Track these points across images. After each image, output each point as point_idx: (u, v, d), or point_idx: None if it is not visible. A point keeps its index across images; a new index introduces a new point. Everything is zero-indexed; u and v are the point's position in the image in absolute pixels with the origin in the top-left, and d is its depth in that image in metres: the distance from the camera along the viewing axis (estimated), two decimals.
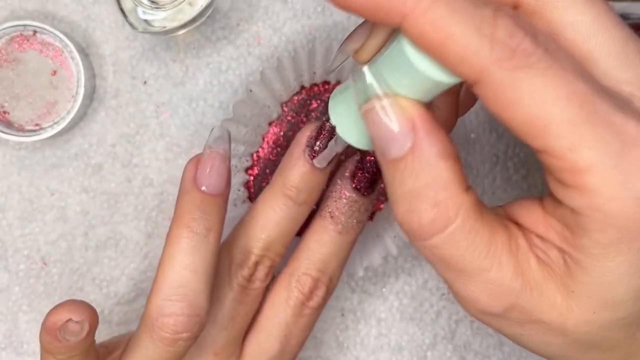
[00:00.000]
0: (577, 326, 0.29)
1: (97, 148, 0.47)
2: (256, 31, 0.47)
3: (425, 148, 0.28)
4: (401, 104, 0.28)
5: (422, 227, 0.29)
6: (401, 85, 0.28)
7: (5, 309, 0.48)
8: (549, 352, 0.31)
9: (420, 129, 0.28)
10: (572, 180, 0.27)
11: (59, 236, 0.47)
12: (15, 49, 0.46)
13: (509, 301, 0.29)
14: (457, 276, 0.30)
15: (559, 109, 0.26)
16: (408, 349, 0.48)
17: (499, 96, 0.26)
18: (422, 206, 0.28)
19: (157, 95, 0.47)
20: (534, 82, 0.26)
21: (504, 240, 0.29)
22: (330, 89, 0.45)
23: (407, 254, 0.48)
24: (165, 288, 0.35)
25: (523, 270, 0.29)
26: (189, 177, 0.37)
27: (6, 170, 0.47)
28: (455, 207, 0.28)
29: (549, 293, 0.29)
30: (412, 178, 0.28)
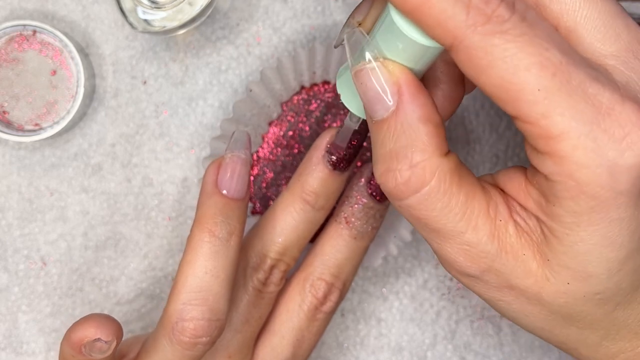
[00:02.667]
0: (553, 296, 0.29)
1: (97, 148, 0.47)
2: (256, 31, 0.47)
3: (407, 111, 0.29)
4: (389, 67, 0.29)
5: (398, 187, 0.30)
6: (391, 51, 0.29)
7: (4, 309, 0.47)
8: (528, 323, 0.32)
9: (405, 92, 0.29)
10: (546, 147, 0.27)
11: (59, 236, 0.47)
12: (15, 49, 0.46)
13: (484, 263, 0.30)
14: (435, 237, 0.30)
15: (532, 75, 0.26)
16: (408, 349, 0.48)
17: (473, 61, 0.27)
18: (399, 166, 0.29)
19: (157, 95, 0.47)
20: (507, 47, 0.26)
21: (482, 205, 0.30)
22: (330, 89, 0.45)
23: (407, 254, 0.48)
24: (185, 292, 0.35)
25: (499, 235, 0.30)
26: (210, 180, 0.37)
27: (6, 170, 0.47)
28: (430, 170, 0.29)
29: (525, 259, 0.29)
30: (392, 139, 0.29)
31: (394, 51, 0.29)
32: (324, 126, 0.45)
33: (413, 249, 0.48)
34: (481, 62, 0.27)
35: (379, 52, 0.30)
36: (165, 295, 0.48)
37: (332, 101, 0.45)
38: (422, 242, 0.48)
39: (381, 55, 0.30)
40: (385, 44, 0.29)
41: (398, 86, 0.29)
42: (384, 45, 0.29)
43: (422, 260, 0.48)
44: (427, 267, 0.48)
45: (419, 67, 0.30)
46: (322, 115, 0.45)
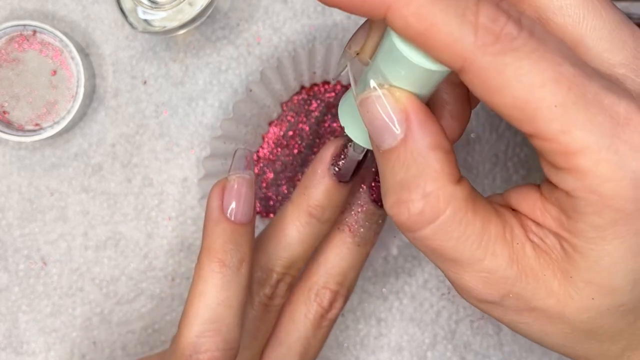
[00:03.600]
0: (576, 313, 0.29)
1: (97, 148, 0.47)
2: (256, 31, 0.47)
3: (417, 139, 0.28)
4: (395, 95, 0.28)
5: (412, 218, 0.29)
6: (396, 78, 0.28)
7: (5, 309, 0.48)
8: (548, 341, 0.31)
9: (413, 120, 0.28)
10: (566, 163, 0.27)
11: (59, 236, 0.47)
12: (15, 49, 0.46)
13: (504, 289, 0.29)
14: (451, 266, 0.30)
15: (548, 92, 0.26)
16: (408, 349, 0.48)
17: (485, 82, 0.26)
18: (412, 197, 0.28)
19: (157, 95, 0.47)
20: (519, 65, 0.26)
21: (498, 230, 0.29)
22: (330, 89, 0.45)
23: (407, 254, 0.48)
24: (198, 324, 0.35)
25: (518, 258, 0.29)
26: (215, 206, 0.36)
27: (6, 170, 0.47)
28: (445, 198, 0.28)
29: (545, 280, 0.29)
30: (403, 169, 0.29)
31: (399, 77, 0.28)
32: (324, 126, 0.45)
33: (413, 249, 0.48)
34: (494, 82, 0.26)
35: (383, 79, 0.29)
36: (165, 295, 0.48)
37: (332, 101, 0.45)
38: None
39: (386, 82, 0.29)
40: (388, 70, 0.28)
41: (406, 114, 0.28)
42: (387, 71, 0.28)
43: (422, 260, 0.48)
44: (427, 267, 0.48)
45: (426, 91, 0.29)
46: (322, 115, 0.45)
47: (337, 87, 0.45)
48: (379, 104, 0.29)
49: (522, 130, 0.27)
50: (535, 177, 0.48)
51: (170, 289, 0.48)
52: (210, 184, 0.44)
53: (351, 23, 0.47)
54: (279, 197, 0.45)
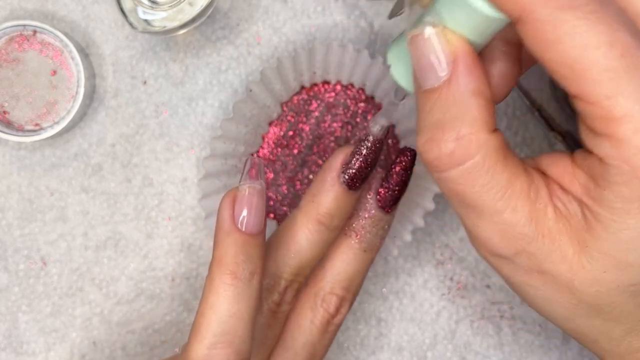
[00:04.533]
0: (585, 284, 0.29)
1: (97, 148, 0.47)
2: (256, 31, 0.47)
3: (460, 82, 0.28)
4: (447, 36, 0.29)
5: (441, 158, 0.29)
6: (452, 21, 0.28)
7: (4, 309, 0.47)
8: (552, 311, 0.31)
9: (461, 63, 0.28)
10: (605, 128, 0.27)
11: (59, 236, 0.47)
12: (15, 49, 0.46)
13: (519, 245, 0.29)
14: (471, 213, 0.30)
15: (600, 55, 0.26)
16: (408, 349, 0.48)
17: (540, 35, 0.26)
18: (445, 136, 0.29)
19: (157, 95, 0.47)
20: (577, 24, 0.26)
21: (523, 186, 0.29)
22: (330, 89, 0.45)
23: (407, 254, 0.48)
24: (210, 336, 0.35)
25: (538, 218, 0.29)
26: (226, 216, 0.36)
27: (6, 170, 0.47)
28: (477, 144, 0.28)
29: (561, 244, 0.29)
30: (441, 109, 0.29)
31: (456, 21, 0.28)
32: (324, 126, 0.45)
33: (413, 249, 0.48)
34: (549, 36, 0.26)
35: (439, 20, 0.29)
36: (165, 295, 0.48)
37: (332, 101, 0.45)
38: (422, 242, 0.48)
39: (441, 23, 0.29)
40: (447, 12, 0.28)
41: (454, 56, 0.28)
42: (445, 13, 0.28)
43: (422, 260, 0.48)
44: (427, 267, 0.48)
45: (479, 40, 0.29)
46: (322, 115, 0.45)
47: (337, 87, 0.45)
48: (429, 42, 0.29)
49: (567, 90, 0.27)
50: None
51: (170, 289, 0.48)
52: (210, 184, 0.44)
53: (351, 23, 0.47)
54: (279, 197, 0.45)
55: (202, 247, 0.48)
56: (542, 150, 0.48)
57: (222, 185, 0.44)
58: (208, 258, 0.47)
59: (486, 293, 0.48)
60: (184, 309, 0.48)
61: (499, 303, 0.48)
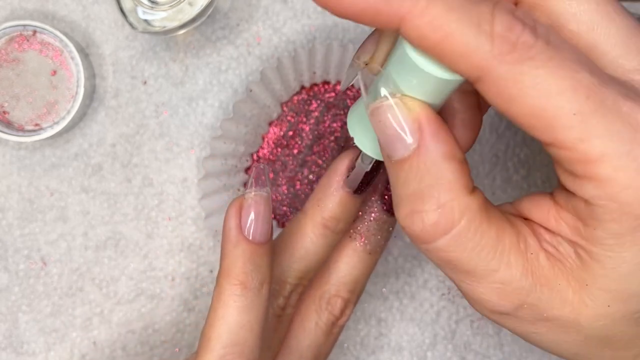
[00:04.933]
0: (591, 321, 0.29)
1: (97, 148, 0.47)
2: (256, 31, 0.47)
3: (430, 149, 0.28)
4: (408, 104, 0.28)
5: (425, 230, 0.28)
6: (409, 87, 0.28)
7: (5, 309, 0.48)
8: (562, 350, 0.31)
9: (426, 129, 0.28)
10: (584, 171, 0.26)
11: (59, 236, 0.47)
12: (15, 49, 0.46)
13: (519, 300, 0.29)
14: (465, 278, 0.29)
15: (565, 100, 0.26)
16: (408, 349, 0.48)
17: (502, 91, 0.26)
18: (425, 207, 0.28)
19: (157, 95, 0.47)
20: (536, 74, 0.26)
21: (512, 240, 0.29)
22: (330, 89, 0.45)
23: (407, 254, 0.48)
24: (220, 347, 0.34)
25: (532, 268, 0.29)
26: (233, 225, 0.35)
27: (6, 170, 0.47)
28: (459, 209, 0.28)
29: (560, 289, 0.29)
30: (416, 179, 0.28)
31: (411, 87, 0.28)
32: (324, 126, 0.45)
33: (413, 249, 0.48)
34: (511, 91, 0.26)
35: (395, 88, 0.28)
36: (165, 295, 0.48)
37: (332, 101, 0.45)
38: None
39: (398, 91, 0.28)
40: (400, 79, 0.28)
41: (418, 123, 0.28)
42: (399, 81, 0.28)
43: (422, 260, 0.48)
44: (427, 267, 0.48)
45: (438, 101, 0.29)
46: (322, 115, 0.45)
47: (337, 87, 0.45)
48: (391, 113, 0.28)
49: (539, 139, 0.27)
50: (535, 177, 0.48)
51: (170, 289, 0.48)
52: (210, 184, 0.44)
53: (351, 24, 0.47)
54: (278, 197, 0.45)
55: (202, 247, 0.48)
56: (542, 149, 0.48)
57: (222, 185, 0.44)
58: (208, 258, 0.48)
59: None
60: (184, 309, 0.48)
61: None
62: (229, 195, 0.45)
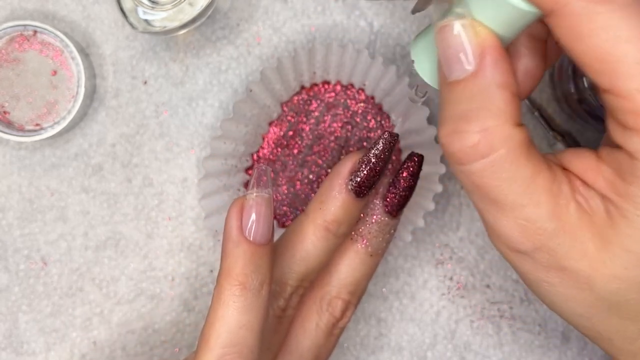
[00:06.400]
0: (605, 281, 0.29)
1: (97, 148, 0.47)
2: (256, 31, 0.47)
3: (487, 75, 0.28)
4: (476, 28, 0.28)
5: (464, 150, 0.29)
6: (482, 14, 0.28)
7: (5, 309, 0.48)
8: (568, 308, 0.31)
9: (488, 56, 0.28)
10: (636, 123, 0.26)
11: (59, 236, 0.47)
12: (16, 49, 0.46)
13: (540, 241, 0.29)
14: (492, 207, 0.29)
15: (633, 48, 0.26)
16: (408, 348, 0.48)
17: (573, 28, 0.26)
18: (469, 128, 0.28)
19: (157, 95, 0.47)
20: (611, 16, 0.26)
21: (546, 182, 0.29)
22: (330, 89, 0.45)
23: (407, 254, 0.48)
24: (219, 347, 0.34)
25: (560, 214, 0.29)
26: (234, 226, 0.35)
27: (6, 170, 0.47)
28: (502, 137, 0.28)
29: (583, 240, 0.29)
30: (466, 100, 0.28)
31: (485, 14, 0.28)
32: (324, 126, 0.45)
33: (413, 249, 0.48)
34: (581, 29, 0.26)
35: (469, 12, 0.29)
36: (165, 295, 0.48)
37: (332, 101, 0.45)
38: (422, 242, 0.48)
39: (470, 16, 0.29)
40: (476, 4, 0.28)
41: (482, 48, 0.28)
42: (474, 5, 0.28)
43: (422, 260, 0.48)
44: (427, 267, 0.48)
45: (508, 34, 0.29)
46: (322, 115, 0.45)
47: (337, 87, 0.45)
48: (458, 33, 0.28)
49: (598, 83, 0.27)
50: None
51: (170, 289, 0.48)
52: (210, 184, 0.44)
53: (351, 23, 0.47)
54: (279, 197, 0.46)
55: (202, 247, 0.48)
56: (542, 149, 0.48)
57: (222, 185, 0.45)
58: (208, 258, 0.48)
59: (486, 293, 0.48)
60: (184, 309, 0.48)
61: (498, 303, 0.48)
62: (229, 195, 0.45)
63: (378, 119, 0.45)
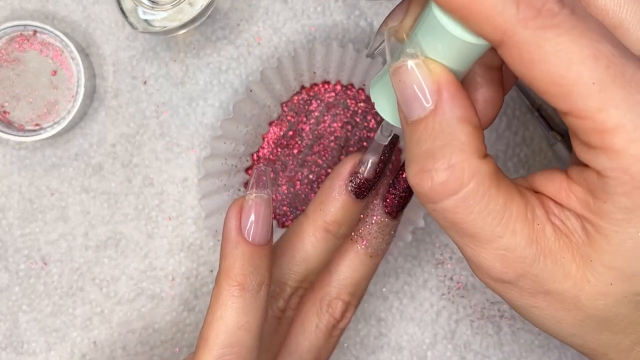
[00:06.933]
0: (592, 299, 0.29)
1: (98, 148, 0.47)
2: (256, 31, 0.47)
3: (446, 111, 0.28)
4: (429, 66, 0.29)
5: (434, 188, 0.29)
6: (433, 50, 0.29)
7: (5, 309, 0.48)
8: (560, 330, 0.31)
9: (445, 91, 0.28)
10: (600, 142, 0.27)
11: (59, 236, 0.47)
12: (16, 49, 0.46)
13: (522, 268, 0.29)
14: (470, 242, 0.29)
15: (586, 68, 0.26)
16: (408, 348, 0.48)
17: (524, 56, 0.26)
18: (436, 166, 0.28)
19: (157, 95, 0.47)
20: (559, 41, 0.26)
21: (520, 208, 0.29)
22: (330, 89, 0.45)
23: (407, 253, 0.48)
24: (218, 348, 0.34)
25: (538, 239, 0.29)
26: (233, 226, 0.35)
27: (6, 170, 0.47)
28: (469, 171, 0.28)
29: (564, 262, 0.29)
30: (429, 139, 0.28)
31: (436, 51, 0.29)
32: (324, 126, 0.45)
33: (413, 249, 0.48)
34: (532, 57, 0.26)
35: (420, 51, 0.29)
36: (165, 294, 0.48)
37: (332, 101, 0.45)
38: (422, 242, 0.48)
39: (422, 54, 0.29)
40: (426, 42, 0.29)
41: (438, 85, 0.28)
42: (425, 44, 0.29)
43: (422, 260, 0.48)
44: (427, 267, 0.48)
45: (461, 68, 0.29)
46: (322, 115, 0.45)
47: (337, 87, 0.45)
48: (412, 73, 0.29)
49: (557, 107, 0.27)
50: None
51: (171, 288, 0.48)
52: (210, 184, 0.44)
53: (351, 23, 0.47)
54: (279, 197, 0.46)
55: (202, 247, 0.48)
56: (542, 149, 0.48)
57: (222, 185, 0.45)
58: (208, 258, 0.48)
59: (486, 293, 0.48)
60: (184, 309, 0.48)
61: (498, 303, 0.48)
62: (229, 195, 0.45)
63: (378, 119, 0.45)
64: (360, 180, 0.38)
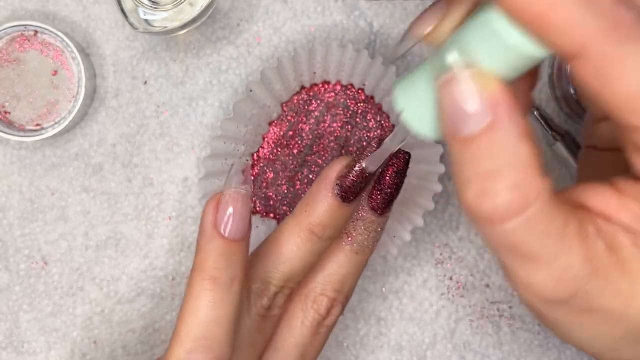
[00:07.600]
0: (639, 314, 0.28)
1: (98, 148, 0.47)
2: (256, 31, 0.47)
3: (506, 127, 0.26)
4: (485, 78, 0.26)
5: (497, 211, 0.27)
6: (487, 60, 0.26)
7: (6, 309, 0.48)
8: (596, 344, 0.30)
9: (503, 107, 0.26)
10: None
11: (60, 236, 0.48)
12: (17, 49, 0.46)
13: (576, 287, 0.28)
14: (526, 263, 0.28)
15: None
16: (408, 348, 0.48)
17: (601, 70, 0.25)
18: (498, 187, 0.27)
19: (158, 95, 0.47)
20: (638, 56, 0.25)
21: (576, 227, 0.28)
22: (330, 89, 0.45)
23: (407, 253, 0.48)
24: (190, 341, 0.35)
25: (592, 257, 0.28)
26: (209, 221, 0.35)
27: (7, 170, 0.47)
28: (535, 190, 0.27)
29: (614, 279, 0.28)
30: (487, 158, 0.27)
31: (490, 60, 0.26)
32: (324, 126, 0.45)
33: (413, 248, 0.48)
34: (611, 71, 0.25)
35: (467, 60, 0.26)
36: (165, 294, 0.48)
37: (332, 101, 0.45)
38: (422, 242, 0.48)
39: (470, 63, 0.26)
40: (478, 51, 0.26)
41: (495, 99, 0.26)
42: (475, 52, 0.26)
43: (422, 260, 0.48)
44: (427, 267, 0.48)
45: (510, 77, 0.27)
46: (322, 116, 0.45)
47: (337, 87, 0.45)
48: (467, 85, 0.26)
49: (626, 122, 0.26)
50: None
51: (171, 288, 0.48)
52: (210, 184, 0.44)
53: (351, 23, 0.47)
54: (279, 197, 0.46)
55: None
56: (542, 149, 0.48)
57: (223, 185, 0.45)
58: None
59: (486, 292, 0.48)
60: None
61: (498, 302, 0.48)
62: None
63: (378, 119, 0.45)
64: (348, 185, 0.37)
